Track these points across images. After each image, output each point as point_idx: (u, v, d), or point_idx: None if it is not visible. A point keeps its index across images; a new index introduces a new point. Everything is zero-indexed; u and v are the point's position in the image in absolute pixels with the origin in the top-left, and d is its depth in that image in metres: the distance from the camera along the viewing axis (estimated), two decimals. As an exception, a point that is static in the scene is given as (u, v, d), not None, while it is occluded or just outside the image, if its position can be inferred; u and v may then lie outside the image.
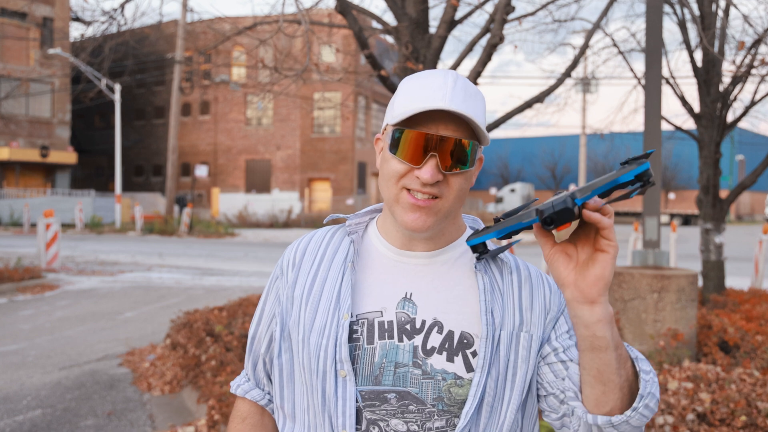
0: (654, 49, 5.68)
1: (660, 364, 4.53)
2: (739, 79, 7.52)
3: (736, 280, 10.78)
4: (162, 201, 33.21)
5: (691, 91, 50.44)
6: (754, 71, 7.60)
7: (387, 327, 1.12)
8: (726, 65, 8.05)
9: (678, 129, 8.57)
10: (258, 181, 38.16)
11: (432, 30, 4.87)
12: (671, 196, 44.51)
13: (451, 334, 1.12)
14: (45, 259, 13.39)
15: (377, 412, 1.09)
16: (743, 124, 47.50)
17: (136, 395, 5.32)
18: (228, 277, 12.95)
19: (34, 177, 33.47)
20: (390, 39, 7.78)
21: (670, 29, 32.67)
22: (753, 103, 7.95)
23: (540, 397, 1.15)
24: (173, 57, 29.81)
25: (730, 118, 9.88)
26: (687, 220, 42.05)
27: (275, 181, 37.59)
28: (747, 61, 7.51)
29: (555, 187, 51.93)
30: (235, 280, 12.46)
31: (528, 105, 5.53)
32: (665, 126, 9.46)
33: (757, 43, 7.23)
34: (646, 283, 4.94)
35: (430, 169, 1.06)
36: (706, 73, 7.60)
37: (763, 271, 10.83)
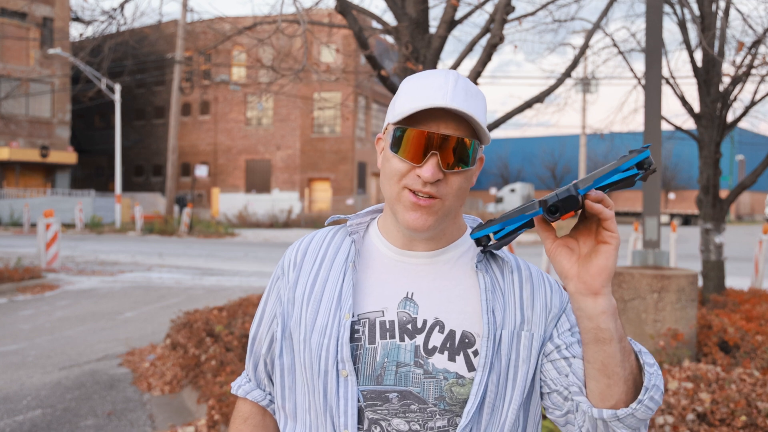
0: (654, 49, 5.68)
1: (660, 364, 4.53)
2: (739, 79, 7.52)
3: (736, 280, 10.77)
4: (162, 201, 33.21)
5: (691, 91, 50.43)
6: (754, 71, 7.61)
7: (388, 327, 1.13)
8: (726, 65, 8.05)
9: (678, 129, 8.58)
10: (258, 181, 38.16)
11: (432, 30, 4.87)
12: (671, 196, 44.52)
13: (452, 333, 1.12)
14: (45, 259, 13.39)
15: (379, 412, 1.09)
16: (743, 124, 47.49)
17: (136, 395, 5.32)
18: (228, 277, 12.95)
19: (34, 177, 33.48)
20: (390, 39, 7.77)
21: (670, 29, 32.70)
22: (753, 103, 7.95)
23: (543, 395, 1.15)
24: (173, 57, 29.80)
25: (730, 118, 9.87)
26: (687, 220, 42.06)
27: (275, 181, 37.59)
28: (747, 61, 7.52)
29: (555, 187, 51.80)
30: (235, 280, 12.46)
31: (528, 105, 5.53)
32: (665, 126, 9.45)
33: (757, 43, 7.23)
34: (646, 283, 4.95)
35: (431, 168, 1.06)
36: (706, 73, 7.60)
37: (763, 271, 10.83)
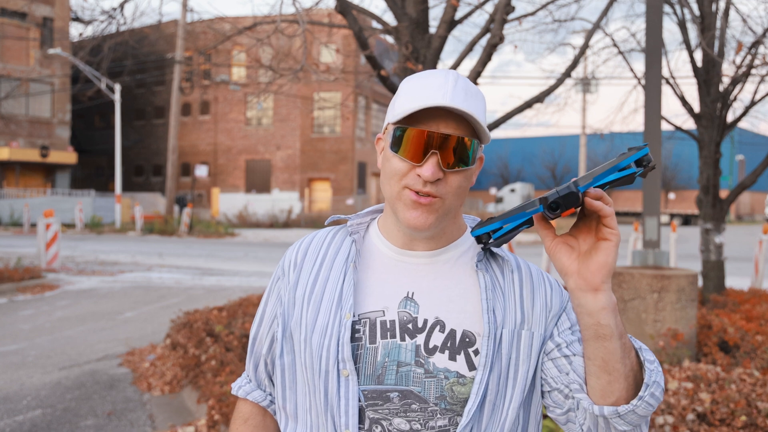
0: (654, 49, 5.68)
1: (660, 364, 4.52)
2: (738, 79, 7.52)
3: (736, 280, 10.78)
4: (162, 201, 33.21)
5: (691, 91, 50.45)
6: (754, 71, 7.61)
7: (389, 326, 1.13)
8: (726, 65, 8.05)
9: (678, 129, 8.58)
10: (258, 181, 38.16)
11: (432, 30, 4.87)
12: (671, 196, 44.52)
13: (453, 332, 1.12)
14: (45, 259, 13.39)
15: (380, 412, 1.10)
16: (743, 124, 47.50)
17: (136, 395, 5.32)
18: (228, 277, 12.95)
19: (34, 177, 33.48)
20: (390, 39, 7.77)
21: (670, 29, 32.68)
22: (753, 103, 7.95)
23: (544, 394, 1.15)
24: (173, 57, 29.81)
25: (730, 118, 9.88)
26: (687, 220, 42.06)
27: (275, 181, 37.59)
28: (747, 61, 7.52)
29: (555, 187, 51.80)
30: (235, 280, 12.46)
31: (528, 105, 5.53)
32: (665, 126, 9.45)
33: (756, 43, 7.23)
34: (646, 283, 4.95)
35: (431, 167, 1.06)
36: (706, 73, 7.60)
37: (763, 271, 10.83)
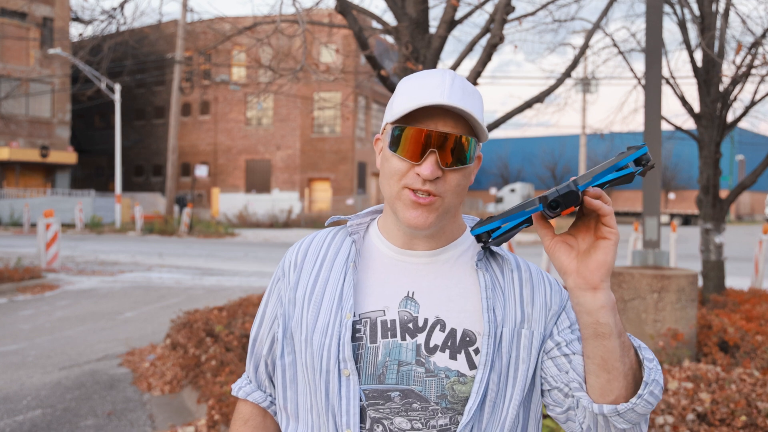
0: (654, 49, 5.68)
1: (660, 364, 4.52)
2: (738, 79, 7.52)
3: (736, 280, 10.78)
4: (162, 201, 33.21)
5: (691, 91, 50.43)
6: (753, 71, 7.61)
7: (390, 326, 1.13)
8: (726, 65, 8.05)
9: (678, 129, 8.58)
10: (258, 181, 38.16)
11: (432, 30, 4.87)
12: (671, 196, 44.52)
13: (453, 331, 1.12)
14: (45, 259, 13.39)
15: (381, 411, 1.10)
16: (743, 124, 47.52)
17: (136, 395, 5.32)
18: (228, 277, 12.95)
19: (34, 177, 33.47)
20: (390, 39, 7.78)
21: (670, 29, 32.69)
22: (753, 103, 7.95)
23: (544, 392, 1.16)
24: (173, 57, 29.82)
25: (730, 118, 9.88)
26: (687, 220, 42.06)
27: (275, 181, 37.59)
28: (747, 61, 7.52)
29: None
30: (235, 280, 12.46)
31: (528, 105, 5.53)
32: (665, 126, 9.45)
33: (756, 43, 7.23)
34: (646, 283, 4.95)
35: (429, 166, 1.07)
36: (706, 73, 7.60)
37: (763, 271, 10.83)
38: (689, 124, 18.76)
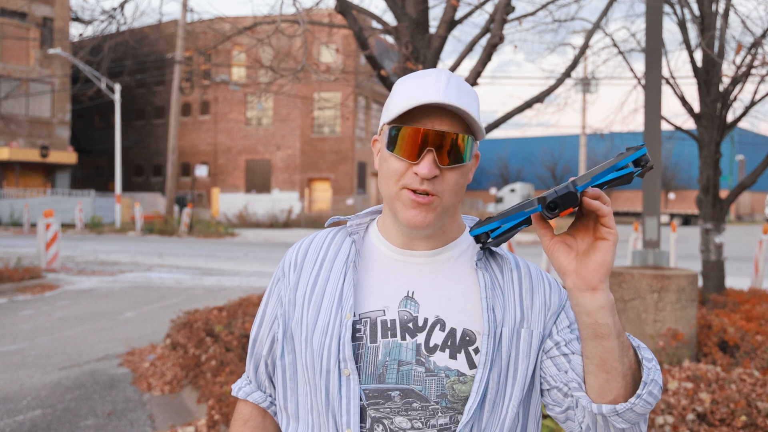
0: (654, 49, 5.68)
1: (660, 364, 4.53)
2: (738, 79, 7.53)
3: (736, 280, 10.77)
4: (162, 201, 33.21)
5: (691, 91, 50.42)
6: (753, 71, 7.61)
7: (390, 325, 1.13)
8: (726, 65, 8.05)
9: (678, 129, 8.58)
10: (258, 181, 38.16)
11: (432, 30, 4.87)
12: (671, 196, 44.51)
13: (453, 331, 1.13)
14: (45, 259, 13.39)
15: (381, 410, 1.10)
16: (743, 124, 47.51)
17: (136, 395, 5.32)
18: (228, 277, 12.95)
19: (34, 177, 33.47)
20: (390, 39, 7.78)
21: (670, 29, 32.70)
22: (753, 103, 7.95)
23: (543, 392, 1.16)
24: (173, 57, 29.81)
25: (730, 118, 9.87)
26: (687, 220, 42.06)
27: (275, 181, 37.59)
28: (747, 61, 7.52)
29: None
30: (235, 280, 12.46)
31: (528, 105, 5.53)
32: (665, 126, 9.45)
33: (756, 43, 7.23)
34: (646, 283, 4.95)
35: (427, 164, 1.07)
36: (706, 73, 7.60)
37: (763, 271, 10.83)
38: (689, 124, 18.74)
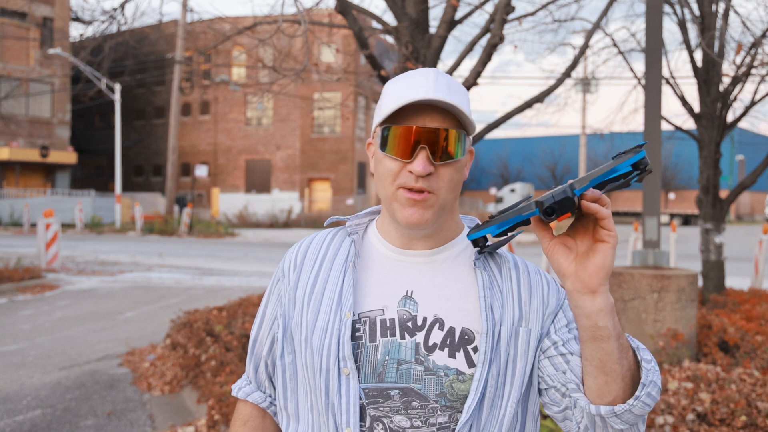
0: (654, 49, 5.68)
1: (660, 364, 4.53)
2: (738, 79, 7.53)
3: (736, 280, 10.77)
4: (162, 201, 33.21)
5: (691, 91, 50.42)
6: (753, 71, 7.61)
7: (389, 325, 1.14)
8: (726, 65, 8.05)
9: (678, 129, 8.58)
10: (258, 181, 38.17)
11: (432, 30, 4.87)
12: (671, 196, 44.50)
13: (452, 330, 1.13)
14: (45, 259, 13.39)
15: (381, 409, 1.10)
16: (743, 124, 47.51)
17: (136, 395, 5.32)
18: (228, 277, 12.95)
19: (34, 177, 33.47)
20: (390, 39, 7.77)
21: (670, 29, 32.71)
22: (753, 103, 7.95)
23: (541, 391, 1.16)
24: (173, 57, 29.82)
25: (730, 118, 9.88)
26: (687, 220, 42.04)
27: (275, 181, 37.59)
28: (747, 61, 7.52)
29: (555, 187, 51.72)
30: (235, 280, 12.46)
31: (528, 105, 5.54)
32: (665, 126, 9.45)
33: (756, 43, 7.23)
34: (646, 283, 4.95)
35: (421, 161, 1.08)
36: (706, 73, 7.60)
37: (763, 271, 10.83)
38: (689, 124, 18.74)
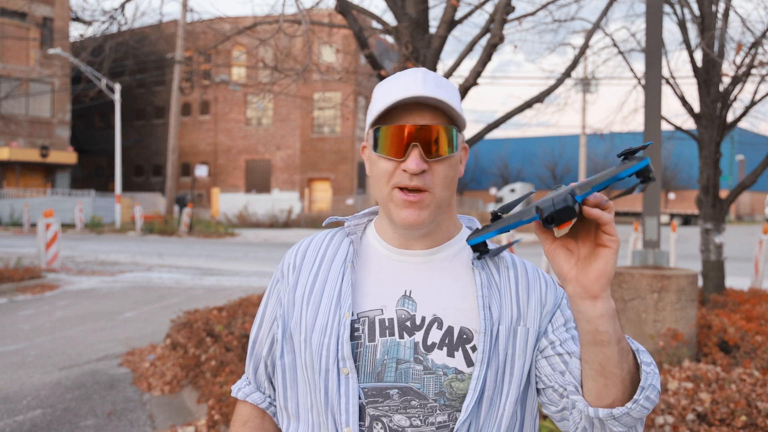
0: (654, 49, 5.68)
1: (660, 364, 4.53)
2: (738, 79, 7.52)
3: (736, 280, 10.77)
4: (162, 201, 33.21)
5: (691, 91, 50.37)
6: (754, 71, 7.61)
7: (388, 324, 1.14)
8: (726, 65, 8.05)
9: (678, 129, 8.58)
10: (258, 181, 38.17)
11: (432, 30, 4.87)
12: (671, 196, 44.51)
13: (450, 329, 1.13)
14: (45, 259, 13.39)
15: (380, 408, 1.10)
16: (743, 124, 47.52)
17: (136, 395, 5.33)
18: (228, 277, 12.95)
19: (34, 177, 33.48)
20: (390, 39, 7.77)
21: (670, 29, 32.68)
22: (753, 103, 7.95)
23: (539, 390, 1.16)
24: (173, 57, 29.82)
25: (730, 118, 9.87)
26: (687, 220, 42.05)
27: (275, 181, 37.60)
28: (747, 61, 7.52)
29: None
30: (235, 280, 12.46)
31: (528, 105, 5.54)
32: (665, 126, 9.44)
33: (756, 43, 7.23)
34: (646, 283, 4.95)
35: (414, 159, 1.08)
36: (706, 73, 7.60)
37: (763, 271, 10.83)
38: (689, 124, 18.72)
